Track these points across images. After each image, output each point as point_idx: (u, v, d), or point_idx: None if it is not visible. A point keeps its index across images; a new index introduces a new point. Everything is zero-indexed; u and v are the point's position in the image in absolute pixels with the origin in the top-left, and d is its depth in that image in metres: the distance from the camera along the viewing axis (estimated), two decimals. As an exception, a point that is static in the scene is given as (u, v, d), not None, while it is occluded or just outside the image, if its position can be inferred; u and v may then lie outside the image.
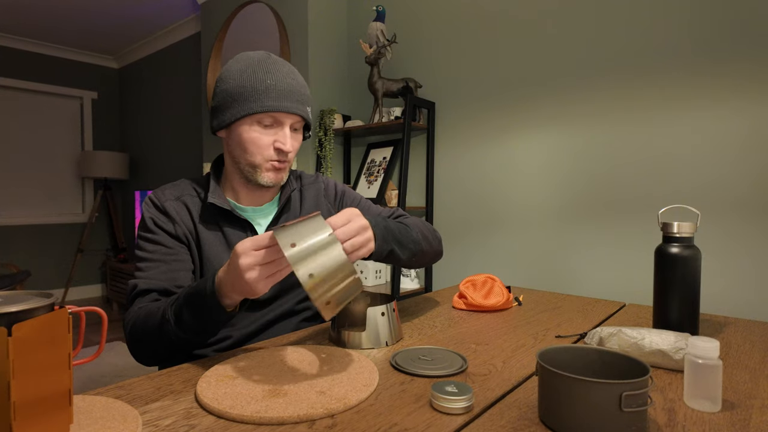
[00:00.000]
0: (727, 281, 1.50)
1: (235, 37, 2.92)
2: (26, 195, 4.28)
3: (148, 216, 0.92)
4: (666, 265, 0.87)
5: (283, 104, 0.87)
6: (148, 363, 0.86)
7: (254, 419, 0.55)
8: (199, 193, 0.96)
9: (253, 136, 0.89)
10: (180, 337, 0.76)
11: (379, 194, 2.33)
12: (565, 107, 1.85)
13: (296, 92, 0.90)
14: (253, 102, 0.87)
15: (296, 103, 0.89)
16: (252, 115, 0.88)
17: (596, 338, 0.81)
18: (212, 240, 0.93)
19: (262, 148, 0.89)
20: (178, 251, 0.91)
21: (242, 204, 0.98)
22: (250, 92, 0.87)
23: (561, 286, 1.85)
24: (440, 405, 0.58)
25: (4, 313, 0.44)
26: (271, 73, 0.88)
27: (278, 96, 0.87)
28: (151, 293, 0.86)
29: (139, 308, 0.83)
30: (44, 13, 3.59)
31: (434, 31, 2.28)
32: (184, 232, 0.92)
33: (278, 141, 0.89)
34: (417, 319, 1.03)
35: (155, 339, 0.79)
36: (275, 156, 0.90)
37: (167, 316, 0.76)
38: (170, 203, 0.93)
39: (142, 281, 0.87)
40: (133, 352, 0.84)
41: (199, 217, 0.94)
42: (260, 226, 0.98)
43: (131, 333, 0.83)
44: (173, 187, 0.97)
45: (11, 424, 0.43)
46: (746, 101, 1.46)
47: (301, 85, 0.92)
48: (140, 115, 4.50)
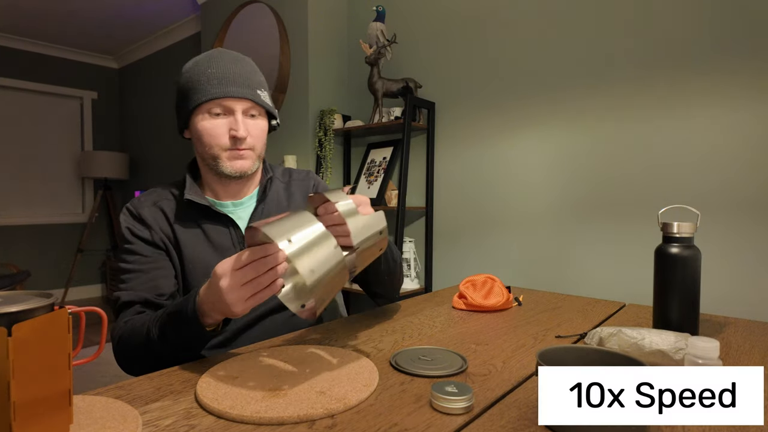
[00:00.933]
0: (728, 281, 1.49)
1: (235, 37, 2.92)
2: (26, 195, 4.28)
3: (124, 226, 0.92)
4: (666, 266, 0.87)
5: (226, 90, 0.87)
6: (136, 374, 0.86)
7: (254, 419, 0.55)
8: (176, 195, 0.96)
9: (206, 126, 0.89)
10: (166, 353, 0.76)
11: (379, 194, 2.32)
12: (565, 107, 1.85)
13: (242, 77, 0.89)
14: (199, 93, 0.87)
15: (242, 88, 0.88)
16: (199, 106, 0.88)
17: (596, 338, 0.81)
18: (192, 240, 0.92)
19: (217, 137, 0.89)
20: (157, 258, 0.90)
21: (221, 200, 0.98)
22: (195, 84, 0.88)
23: (561, 286, 1.85)
24: (440, 405, 0.58)
25: (4, 313, 0.44)
26: (213, 64, 0.88)
27: (221, 83, 0.87)
28: (135, 305, 0.86)
29: (124, 323, 0.84)
30: (44, 13, 3.59)
31: (434, 31, 2.28)
32: (161, 238, 0.92)
33: (232, 129, 0.89)
34: (417, 319, 1.03)
35: (142, 354, 0.79)
36: (231, 144, 0.90)
37: (152, 334, 0.76)
38: (146, 210, 0.93)
39: (124, 293, 0.87)
40: (122, 365, 0.85)
41: (177, 219, 0.93)
42: (241, 220, 0.97)
43: (118, 347, 0.83)
44: (150, 193, 0.97)
45: (11, 424, 0.43)
46: (746, 101, 1.46)
47: (248, 70, 0.91)
48: (140, 115, 4.50)
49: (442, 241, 2.27)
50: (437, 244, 2.29)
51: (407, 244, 2.26)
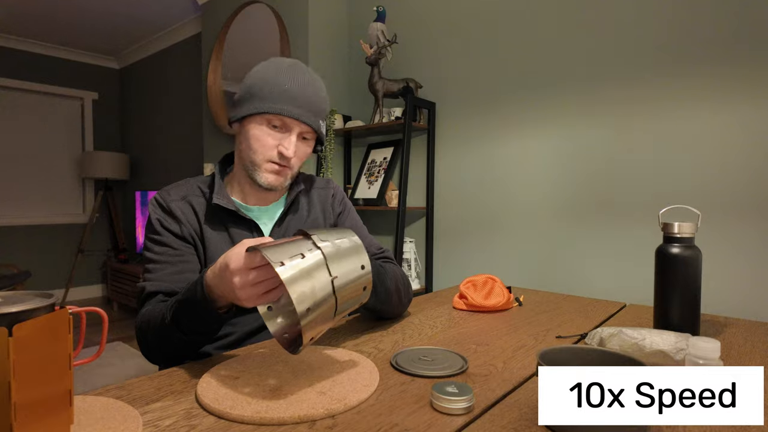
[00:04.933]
0: (728, 282, 1.49)
1: (236, 37, 2.92)
2: (27, 195, 4.29)
3: (154, 218, 0.93)
4: (667, 266, 0.87)
5: (293, 110, 0.88)
6: (159, 363, 0.87)
7: (255, 420, 0.55)
8: (205, 194, 0.97)
9: (260, 134, 0.90)
10: (185, 339, 0.77)
11: (380, 195, 2.33)
12: (565, 107, 1.85)
13: (311, 103, 0.90)
14: (267, 102, 0.88)
15: (307, 113, 0.90)
16: (263, 114, 0.89)
17: (597, 339, 0.81)
18: (217, 240, 0.93)
19: (266, 147, 0.90)
20: (185, 252, 0.91)
21: (249, 203, 0.99)
22: (267, 92, 0.88)
23: (561, 286, 1.85)
24: (441, 405, 0.58)
25: (5, 313, 0.44)
26: (291, 79, 0.89)
27: (291, 101, 0.88)
28: (158, 295, 0.87)
29: (146, 311, 0.85)
30: (45, 13, 3.60)
31: (434, 31, 2.28)
32: (190, 233, 0.93)
33: (282, 145, 0.90)
34: (417, 320, 1.03)
35: (162, 341, 0.80)
36: (276, 158, 0.91)
37: (167, 320, 0.77)
38: (176, 203, 0.94)
39: (149, 284, 0.88)
40: (144, 353, 0.86)
41: (205, 218, 0.94)
42: (266, 225, 0.98)
43: (139, 335, 0.84)
44: (178, 186, 0.98)
45: (12, 425, 0.43)
46: (747, 101, 1.46)
47: (319, 97, 0.92)
48: (141, 115, 4.51)
49: (443, 242, 2.27)
50: (438, 245, 2.29)
51: (408, 244, 2.26)
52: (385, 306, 0.95)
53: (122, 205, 4.79)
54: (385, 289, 0.92)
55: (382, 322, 1.00)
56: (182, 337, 0.76)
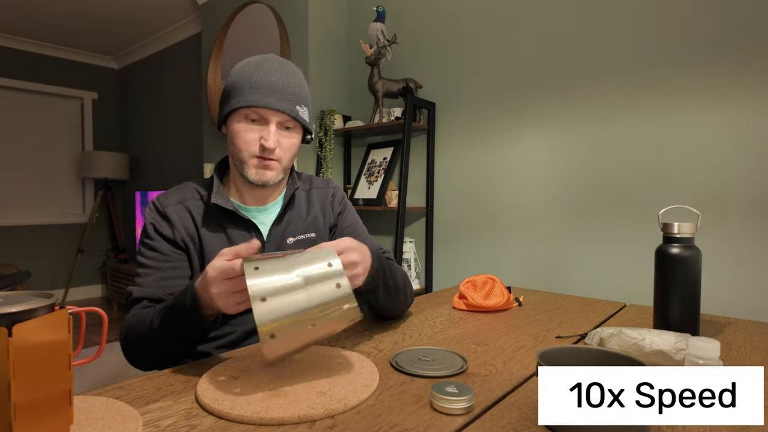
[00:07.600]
0: (728, 282, 1.49)
1: (236, 37, 2.92)
2: (27, 195, 4.28)
3: (149, 221, 0.94)
4: (666, 266, 0.87)
5: (265, 100, 0.88)
6: (142, 368, 0.87)
7: (254, 420, 0.55)
8: (202, 196, 0.97)
9: (240, 130, 0.90)
10: (169, 345, 0.78)
11: (380, 195, 2.33)
12: (565, 107, 1.85)
13: (284, 90, 0.89)
14: (239, 97, 0.89)
15: (281, 101, 0.89)
16: (239, 110, 0.89)
17: (597, 339, 0.81)
18: (215, 242, 0.93)
19: (248, 143, 0.90)
20: (174, 258, 0.92)
21: (246, 204, 0.99)
22: (239, 88, 0.89)
23: (561, 286, 1.85)
24: (440, 405, 0.58)
25: (5, 313, 0.44)
26: (261, 71, 0.89)
27: (263, 92, 0.88)
28: (143, 301, 0.88)
29: (132, 315, 0.86)
30: (45, 13, 3.59)
31: (434, 31, 2.28)
32: (183, 237, 0.92)
33: (262, 138, 0.90)
34: (417, 320, 1.03)
35: (146, 345, 0.81)
36: (259, 152, 0.90)
37: (155, 326, 0.77)
38: (172, 207, 0.94)
39: (136, 289, 0.89)
40: (127, 357, 0.86)
41: (202, 220, 0.94)
42: (264, 225, 0.98)
43: (124, 340, 0.85)
44: (176, 191, 0.98)
45: (11, 425, 0.43)
46: (748, 101, 1.46)
47: (294, 84, 0.91)
48: (141, 115, 4.50)
49: (443, 242, 2.27)
50: (437, 245, 2.29)
51: (407, 245, 2.26)
52: (392, 303, 0.95)
53: (122, 205, 4.78)
54: (395, 284, 0.92)
55: (382, 322, 1.00)
56: (168, 344, 0.77)
